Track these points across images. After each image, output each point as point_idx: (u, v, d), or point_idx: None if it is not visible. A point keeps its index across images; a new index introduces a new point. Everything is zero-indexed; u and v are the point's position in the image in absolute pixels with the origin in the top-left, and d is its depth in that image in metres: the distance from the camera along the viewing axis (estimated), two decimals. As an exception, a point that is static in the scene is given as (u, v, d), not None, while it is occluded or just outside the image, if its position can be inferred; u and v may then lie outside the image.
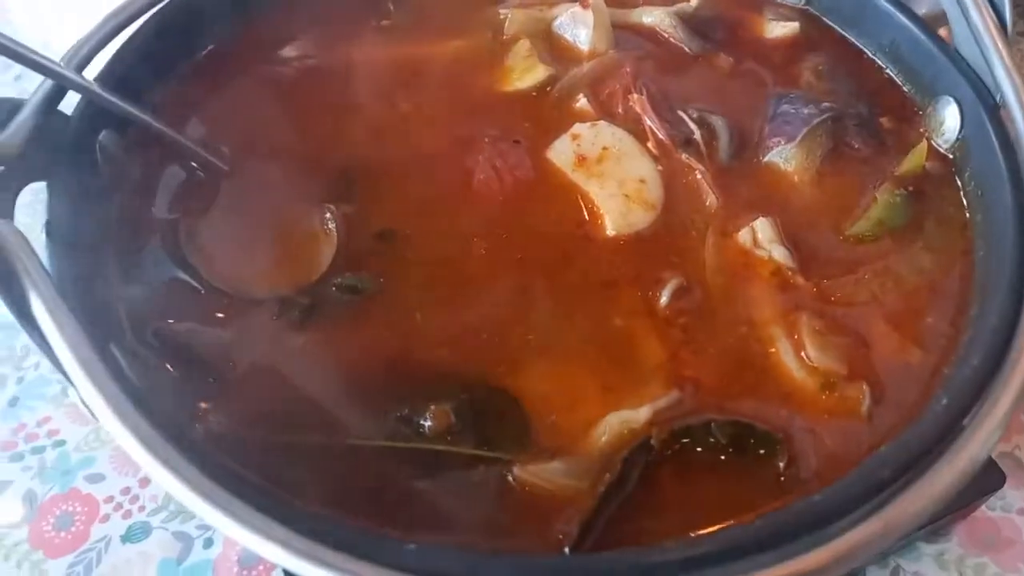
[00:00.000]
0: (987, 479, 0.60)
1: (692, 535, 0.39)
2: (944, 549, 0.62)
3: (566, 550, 0.40)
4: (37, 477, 0.68)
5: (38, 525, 0.65)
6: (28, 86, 0.52)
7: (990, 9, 0.55)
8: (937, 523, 0.60)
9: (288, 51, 0.68)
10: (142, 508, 0.66)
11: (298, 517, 0.37)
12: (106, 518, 0.66)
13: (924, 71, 0.62)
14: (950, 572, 0.61)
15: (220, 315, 0.51)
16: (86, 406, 0.42)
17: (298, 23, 0.69)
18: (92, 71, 0.57)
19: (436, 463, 0.45)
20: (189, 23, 0.64)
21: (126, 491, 0.67)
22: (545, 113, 0.63)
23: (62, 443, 0.70)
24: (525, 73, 0.65)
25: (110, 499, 0.67)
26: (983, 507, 0.64)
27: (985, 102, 0.55)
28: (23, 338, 0.76)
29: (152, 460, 0.38)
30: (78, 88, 0.52)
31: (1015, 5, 0.55)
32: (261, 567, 0.62)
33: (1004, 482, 0.60)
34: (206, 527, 0.65)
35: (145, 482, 0.68)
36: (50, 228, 0.49)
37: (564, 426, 0.46)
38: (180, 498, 0.37)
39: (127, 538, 0.64)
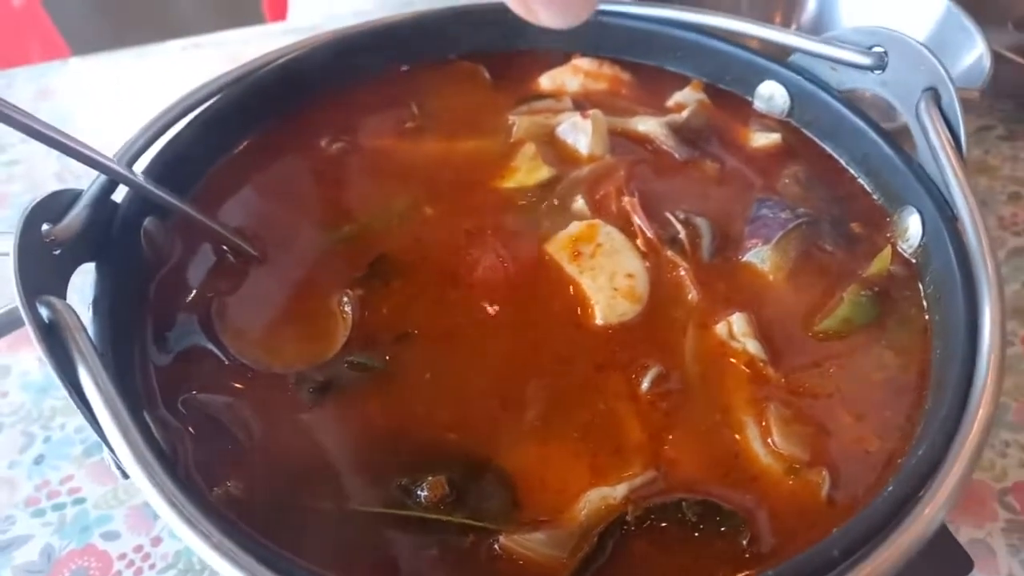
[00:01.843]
0: (955, 565, 0.63)
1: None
2: (917, 634, 0.65)
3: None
4: (56, 533, 0.72)
5: (54, 579, 0.69)
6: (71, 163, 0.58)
7: (947, 132, 0.61)
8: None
9: (317, 148, 0.75)
10: (152, 566, 0.70)
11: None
12: (118, 574, 0.70)
13: (892, 182, 0.68)
14: (923, 657, 0.64)
15: (242, 387, 0.56)
16: (119, 468, 0.47)
17: (329, 123, 0.76)
18: (140, 164, 0.64)
19: (431, 530, 0.49)
20: (229, 122, 0.72)
21: (138, 549, 0.71)
22: (547, 210, 0.69)
23: (82, 500, 0.75)
24: (530, 173, 0.71)
25: (123, 556, 0.71)
26: (955, 594, 0.66)
27: (943, 213, 0.60)
28: (51, 400, 0.82)
29: (176, 518, 0.43)
30: (127, 182, 0.59)
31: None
32: (263, 627, 0.66)
33: (971, 568, 0.63)
34: (212, 586, 0.69)
35: (157, 541, 0.72)
36: (97, 305, 0.55)
37: (549, 500, 0.50)
38: (200, 553, 0.42)
39: (137, 594, 0.68)
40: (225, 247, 0.64)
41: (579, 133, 0.74)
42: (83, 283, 0.57)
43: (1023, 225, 1.00)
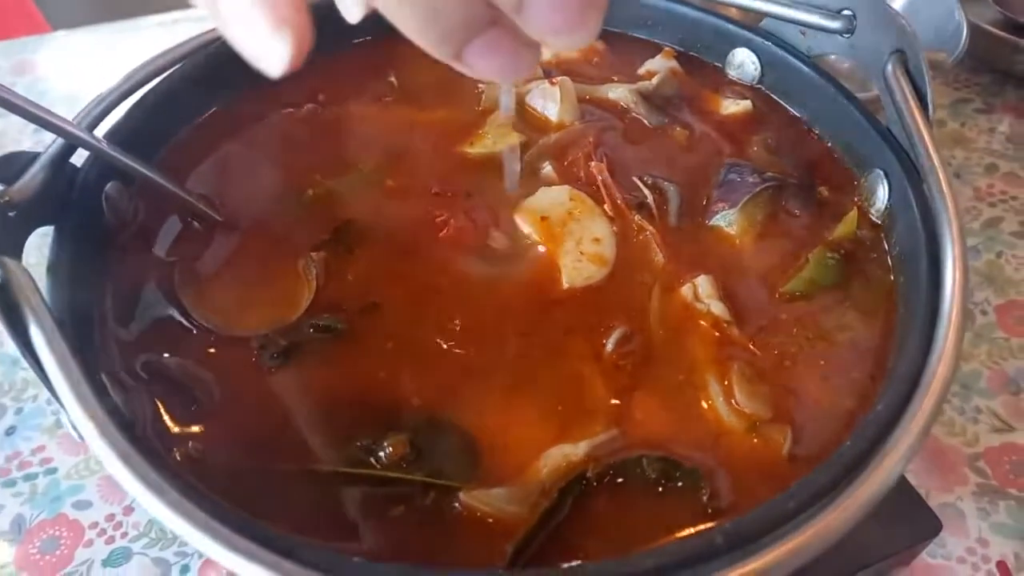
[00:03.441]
0: (924, 525, 0.64)
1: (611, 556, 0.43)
2: (884, 595, 0.65)
3: (500, 570, 0.44)
4: (28, 503, 0.72)
5: (24, 548, 0.69)
6: (47, 138, 0.58)
7: (914, 93, 0.61)
8: (878, 567, 0.63)
9: (286, 115, 0.74)
10: (124, 534, 0.70)
11: (261, 532, 0.41)
12: (90, 543, 0.69)
13: (860, 146, 0.68)
14: (889, 618, 0.64)
15: (205, 351, 0.56)
16: (75, 429, 0.46)
17: (299, 91, 0.76)
18: (103, 128, 0.63)
19: (392, 489, 0.49)
20: (195, 88, 0.71)
21: (110, 518, 0.71)
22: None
23: (54, 471, 0.74)
24: (499, 139, 0.71)
25: (95, 525, 0.71)
26: (924, 554, 0.67)
27: (910, 176, 0.60)
28: (23, 372, 0.81)
29: (134, 480, 0.42)
30: (87, 146, 0.58)
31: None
32: (233, 594, 0.66)
33: (940, 530, 0.63)
34: (184, 554, 0.68)
35: (129, 510, 0.71)
36: (53, 268, 0.54)
37: (511, 459, 0.50)
38: (158, 516, 0.41)
39: (108, 562, 0.68)
40: (189, 213, 0.64)
41: (547, 100, 0.74)
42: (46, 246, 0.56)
43: (999, 196, 1.00)
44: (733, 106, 0.75)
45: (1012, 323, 0.85)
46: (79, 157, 0.61)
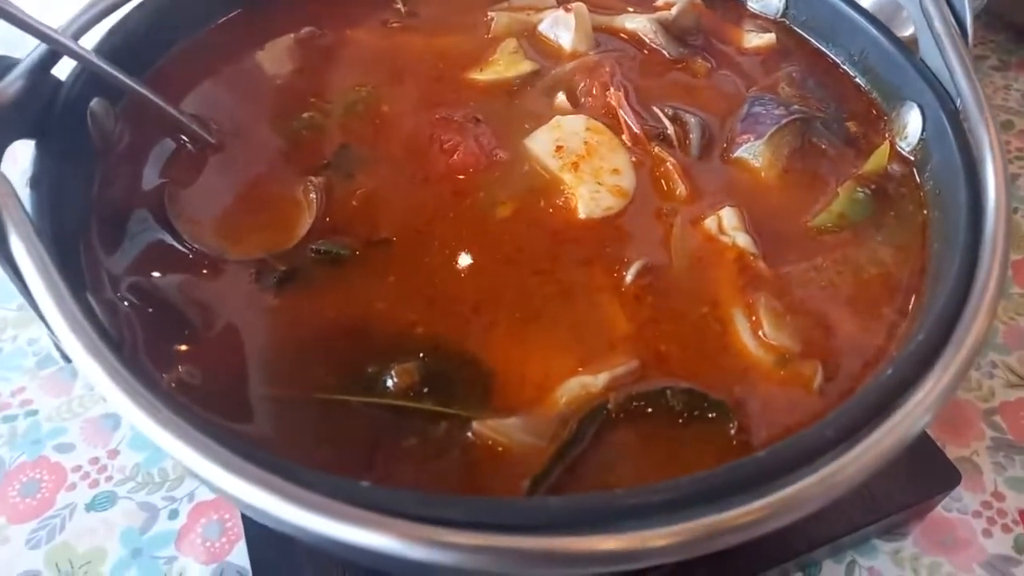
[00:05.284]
0: (943, 477, 0.62)
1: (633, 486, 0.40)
2: (900, 547, 0.63)
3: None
4: (7, 445, 0.69)
5: (3, 491, 0.65)
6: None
7: (952, 19, 0.58)
8: (893, 519, 0.61)
9: (288, 38, 0.70)
10: (109, 478, 0.67)
11: (260, 455, 0.38)
12: (72, 487, 0.66)
13: (891, 79, 0.64)
14: (904, 570, 0.62)
15: (199, 275, 0.52)
16: (59, 349, 0.43)
17: (301, 13, 0.72)
18: (90, 40, 0.59)
19: (400, 419, 0.46)
20: (191, 4, 0.66)
21: (94, 461, 0.68)
22: (528, 104, 0.65)
23: (34, 412, 0.71)
24: (510, 66, 0.67)
25: (78, 468, 0.67)
26: (939, 508, 0.65)
27: (946, 106, 0.57)
28: (1, 311, 0.77)
29: (122, 396, 0.39)
30: (72, 54, 0.54)
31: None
32: (224, 539, 0.63)
33: (959, 481, 0.61)
34: (172, 499, 0.65)
35: (114, 453, 0.68)
36: (35, 182, 0.50)
37: (527, 390, 0.47)
38: (147, 432, 0.38)
39: (92, 506, 0.65)
40: (181, 134, 0.60)
41: (561, 28, 0.70)
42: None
43: (1015, 153, 0.98)
44: (756, 39, 0.71)
45: (1029, 279, 0.83)
46: (63, 72, 0.56)
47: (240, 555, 0.61)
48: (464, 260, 0.54)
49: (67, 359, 0.42)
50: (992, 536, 0.64)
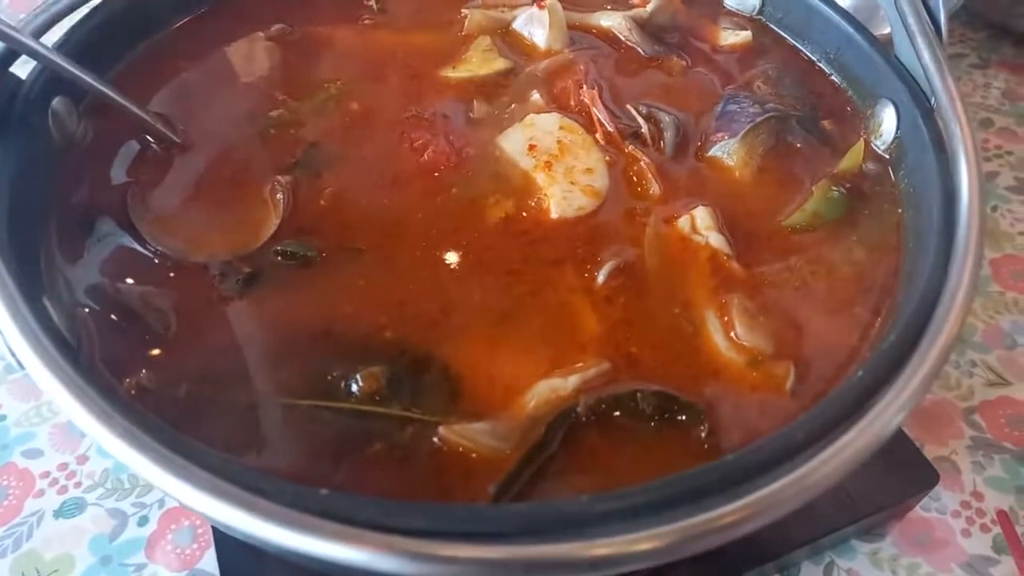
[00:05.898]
0: (921, 477, 0.61)
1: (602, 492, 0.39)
2: (879, 548, 0.63)
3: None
4: (-27, 451, 0.67)
5: (-32, 498, 0.64)
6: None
7: (927, 17, 0.58)
8: (872, 520, 0.60)
9: (257, 35, 0.69)
10: (78, 484, 0.66)
11: (218, 463, 0.37)
12: (41, 493, 0.65)
13: (866, 77, 0.64)
14: (883, 571, 0.62)
15: (162, 277, 0.51)
16: (13, 355, 0.42)
17: (273, 10, 0.71)
18: (52, 38, 0.58)
19: (366, 424, 0.45)
20: (155, 2, 0.65)
21: (63, 467, 0.67)
22: (500, 103, 0.64)
23: (2, 418, 0.70)
24: (483, 64, 0.66)
25: (46, 474, 0.66)
26: (918, 508, 0.64)
27: (920, 104, 0.57)
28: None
29: (74, 402, 0.38)
30: (31, 52, 0.53)
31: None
32: (195, 546, 0.62)
33: (938, 481, 0.61)
34: (142, 504, 0.64)
35: (84, 459, 0.67)
36: (-9, 183, 0.49)
37: (495, 393, 0.46)
38: (101, 440, 0.37)
39: (60, 513, 0.64)
40: (145, 133, 0.59)
41: (535, 25, 0.69)
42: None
43: (993, 151, 0.98)
44: (732, 37, 0.71)
45: (1007, 277, 0.82)
46: (23, 70, 0.55)
47: (211, 562, 0.60)
48: (434, 261, 0.53)
49: (21, 366, 0.41)
50: (971, 536, 0.63)
